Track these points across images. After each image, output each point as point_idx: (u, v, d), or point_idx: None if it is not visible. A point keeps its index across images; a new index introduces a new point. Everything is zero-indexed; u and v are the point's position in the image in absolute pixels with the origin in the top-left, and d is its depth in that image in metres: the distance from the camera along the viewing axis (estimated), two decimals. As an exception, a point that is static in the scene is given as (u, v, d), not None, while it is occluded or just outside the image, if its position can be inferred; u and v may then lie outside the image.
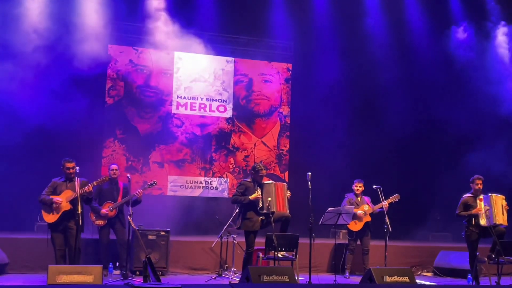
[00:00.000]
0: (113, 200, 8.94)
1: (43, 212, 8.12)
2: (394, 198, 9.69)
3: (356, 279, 9.27)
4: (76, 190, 7.92)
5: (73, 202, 7.97)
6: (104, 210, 8.84)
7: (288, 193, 8.54)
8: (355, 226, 9.67)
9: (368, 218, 9.70)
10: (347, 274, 9.69)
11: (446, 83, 12.80)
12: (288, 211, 8.42)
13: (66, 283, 6.75)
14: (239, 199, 8.34)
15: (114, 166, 9.21)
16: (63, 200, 8.01)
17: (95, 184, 8.26)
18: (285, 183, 8.78)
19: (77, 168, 8.06)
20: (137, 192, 8.88)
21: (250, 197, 8.26)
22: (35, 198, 8.22)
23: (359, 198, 9.82)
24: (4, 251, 8.78)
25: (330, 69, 12.42)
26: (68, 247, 8.05)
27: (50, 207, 8.03)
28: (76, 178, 8.03)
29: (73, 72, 10.74)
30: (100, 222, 8.89)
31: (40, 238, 8.82)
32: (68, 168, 8.09)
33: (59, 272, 6.85)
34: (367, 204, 9.78)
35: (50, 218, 8.06)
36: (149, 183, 9.15)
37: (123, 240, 8.75)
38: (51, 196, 8.06)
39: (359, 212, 9.62)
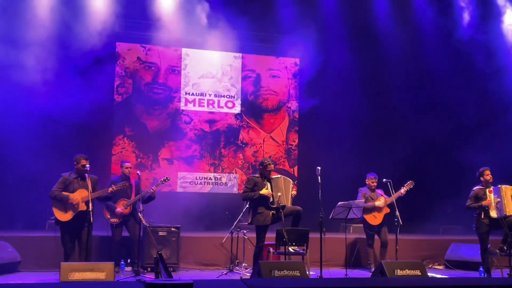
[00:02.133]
0: (126, 198, 8.98)
1: (54, 210, 8.09)
2: (409, 185, 9.65)
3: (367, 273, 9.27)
4: (89, 189, 7.95)
5: (87, 202, 7.97)
6: (119, 209, 8.89)
7: (294, 192, 8.55)
8: (375, 220, 9.58)
9: (387, 210, 9.60)
10: (373, 269, 9.49)
11: (456, 73, 12.66)
12: (290, 204, 8.41)
13: (79, 280, 6.80)
14: (249, 195, 8.33)
15: (127, 164, 9.22)
16: (79, 199, 8.03)
17: (114, 188, 8.37)
18: (291, 180, 8.71)
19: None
20: (151, 188, 8.91)
21: (260, 192, 8.27)
22: (45, 196, 8.23)
23: (373, 193, 9.75)
24: (16, 249, 8.83)
25: (338, 63, 12.38)
26: (79, 246, 8.09)
27: (64, 204, 8.04)
28: (87, 175, 8.07)
29: (81, 70, 10.79)
30: (115, 220, 8.93)
31: (51, 236, 8.85)
32: (84, 165, 8.08)
33: (71, 270, 6.90)
34: (382, 196, 9.68)
35: (64, 216, 8.05)
36: (162, 179, 9.12)
37: (137, 236, 8.79)
38: (65, 193, 8.04)
39: (378, 202, 9.55)
